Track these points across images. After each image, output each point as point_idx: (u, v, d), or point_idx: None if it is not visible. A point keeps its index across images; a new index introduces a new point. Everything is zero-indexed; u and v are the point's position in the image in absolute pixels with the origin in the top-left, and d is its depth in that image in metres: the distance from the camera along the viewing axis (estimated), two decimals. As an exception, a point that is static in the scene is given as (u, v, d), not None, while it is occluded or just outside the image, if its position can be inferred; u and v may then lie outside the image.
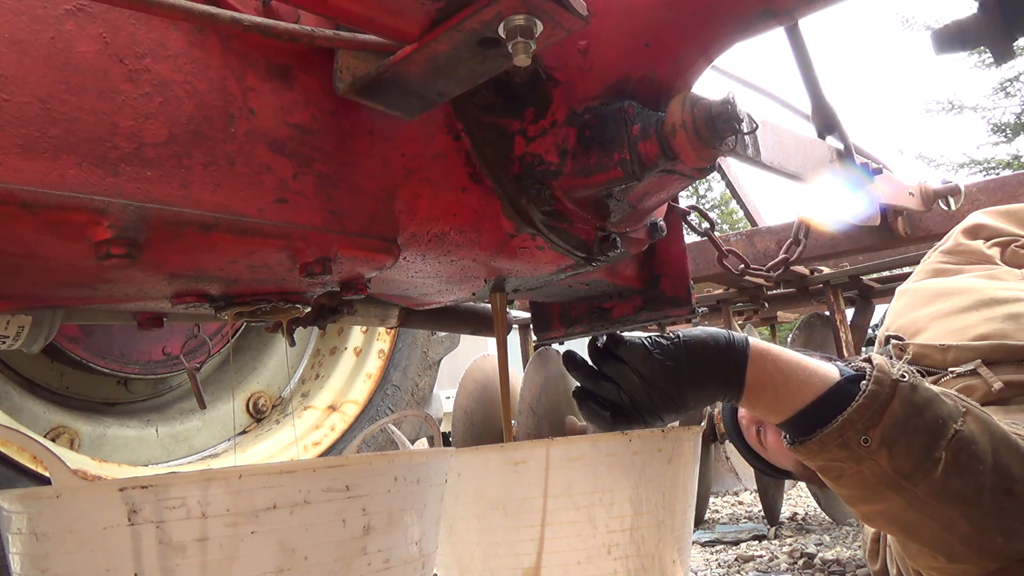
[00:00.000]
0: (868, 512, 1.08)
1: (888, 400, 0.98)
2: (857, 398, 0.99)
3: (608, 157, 1.10)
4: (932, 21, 16.98)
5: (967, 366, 1.30)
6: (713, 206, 21.16)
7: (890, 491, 1.00)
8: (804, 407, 1.04)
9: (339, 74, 0.93)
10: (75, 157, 0.76)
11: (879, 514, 1.07)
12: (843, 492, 1.08)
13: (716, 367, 1.06)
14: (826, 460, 1.03)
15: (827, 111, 1.65)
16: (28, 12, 0.74)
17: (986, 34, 1.08)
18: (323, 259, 0.97)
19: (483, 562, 1.32)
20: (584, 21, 0.81)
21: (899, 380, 0.99)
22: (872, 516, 1.09)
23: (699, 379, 1.07)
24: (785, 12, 1.06)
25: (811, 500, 3.32)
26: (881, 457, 0.98)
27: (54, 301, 1.10)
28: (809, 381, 1.04)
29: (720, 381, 1.07)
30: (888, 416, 0.98)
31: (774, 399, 1.06)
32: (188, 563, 0.80)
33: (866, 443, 0.98)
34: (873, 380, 1.00)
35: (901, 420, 0.98)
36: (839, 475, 1.04)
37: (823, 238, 2.61)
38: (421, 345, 2.89)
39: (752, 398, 1.07)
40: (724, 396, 1.10)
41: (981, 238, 1.61)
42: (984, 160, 17.03)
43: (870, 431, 0.98)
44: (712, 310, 3.18)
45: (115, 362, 2.34)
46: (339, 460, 0.90)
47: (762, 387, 1.05)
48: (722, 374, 1.06)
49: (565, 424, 2.20)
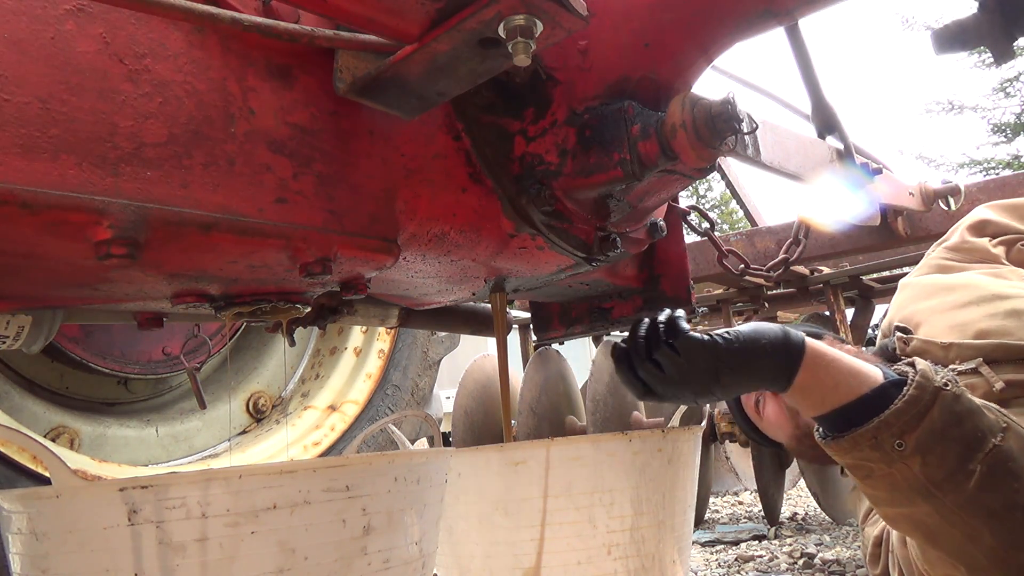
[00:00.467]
0: (892, 514, 1.08)
1: (928, 407, 0.97)
2: (896, 401, 0.98)
3: (608, 157, 1.10)
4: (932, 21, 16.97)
5: (968, 364, 1.30)
6: (713, 206, 21.16)
7: (918, 497, 0.99)
8: (843, 405, 1.02)
9: (339, 74, 0.94)
10: (75, 157, 0.76)
11: (903, 517, 1.06)
12: (869, 492, 1.07)
13: (767, 371, 1.04)
14: (857, 458, 1.02)
15: (827, 111, 1.65)
16: (28, 12, 0.74)
17: (986, 34, 1.08)
18: (323, 259, 0.97)
19: (483, 562, 1.32)
20: (584, 21, 0.81)
21: (942, 388, 0.98)
22: (895, 518, 1.08)
23: (747, 381, 1.06)
24: (785, 12, 1.06)
25: (811, 500, 3.32)
26: (914, 463, 0.97)
27: (54, 301, 1.10)
28: (854, 382, 1.02)
29: (768, 382, 1.06)
30: (926, 423, 0.97)
31: (818, 399, 1.04)
32: (188, 563, 0.80)
33: (900, 447, 0.97)
34: (915, 385, 0.99)
35: (939, 428, 0.97)
36: (868, 475, 1.03)
37: (823, 238, 2.61)
38: (421, 345, 2.89)
39: (796, 395, 1.05)
40: (771, 388, 1.09)
41: (987, 235, 1.60)
42: (984, 160, 17.04)
43: (906, 435, 0.97)
44: (712, 310, 3.18)
45: (115, 362, 2.34)
46: (339, 460, 0.90)
47: (809, 388, 1.04)
48: (771, 377, 1.05)
49: (565, 424, 2.20)
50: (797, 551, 2.32)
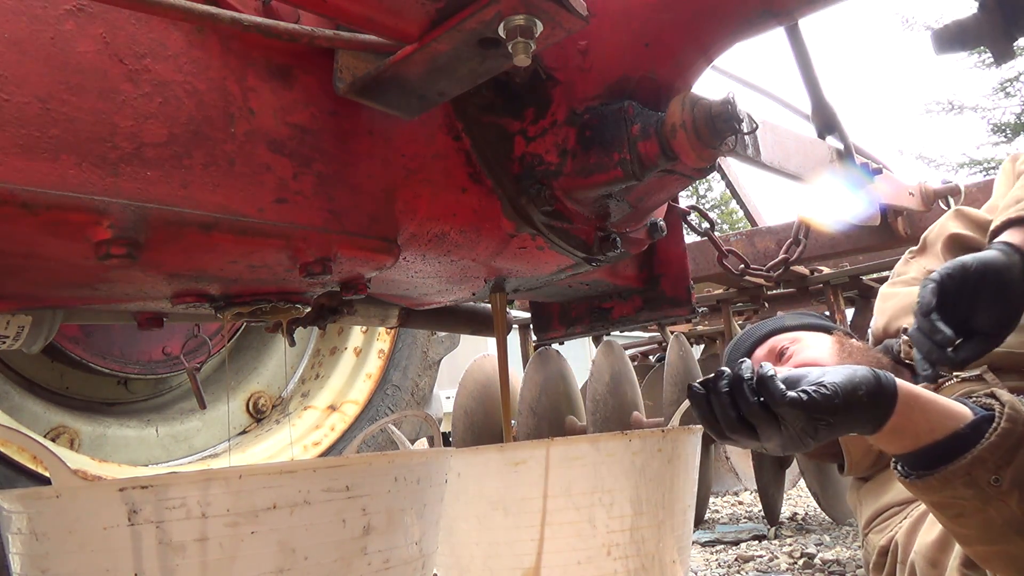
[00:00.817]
0: (984, 553, 1.02)
1: (1021, 439, 0.93)
2: (988, 435, 0.93)
3: (608, 157, 1.10)
4: (932, 21, 16.98)
5: (972, 371, 1.29)
6: (713, 206, 21.16)
7: (1017, 535, 0.94)
8: (931, 443, 0.97)
9: (339, 74, 0.94)
10: (75, 157, 0.76)
11: (997, 556, 1.01)
12: (958, 531, 1.02)
13: (863, 421, 0.97)
14: (947, 497, 0.97)
15: (827, 111, 1.65)
16: (28, 12, 0.74)
17: (986, 34, 1.07)
18: (323, 259, 0.97)
19: (483, 562, 1.32)
20: (584, 21, 0.81)
21: None
22: (988, 557, 1.03)
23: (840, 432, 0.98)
24: (785, 12, 1.06)
25: (811, 500, 3.32)
26: (1011, 499, 0.92)
27: (54, 301, 1.10)
28: (948, 421, 0.97)
29: (859, 429, 0.99)
30: (1022, 456, 0.92)
31: (910, 440, 0.98)
32: (188, 563, 0.80)
33: (996, 483, 0.92)
34: (1006, 418, 0.94)
35: None
36: (958, 514, 0.98)
37: (823, 238, 2.61)
38: (421, 345, 2.89)
39: (885, 437, 0.99)
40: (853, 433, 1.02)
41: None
42: (984, 160, 17.04)
43: (1001, 471, 0.92)
44: (712, 310, 3.19)
45: (115, 362, 2.34)
46: (339, 460, 0.90)
47: (902, 431, 0.98)
48: (865, 425, 0.98)
49: (565, 424, 2.20)
50: (797, 551, 2.32)
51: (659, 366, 3.23)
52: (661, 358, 3.62)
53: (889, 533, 1.33)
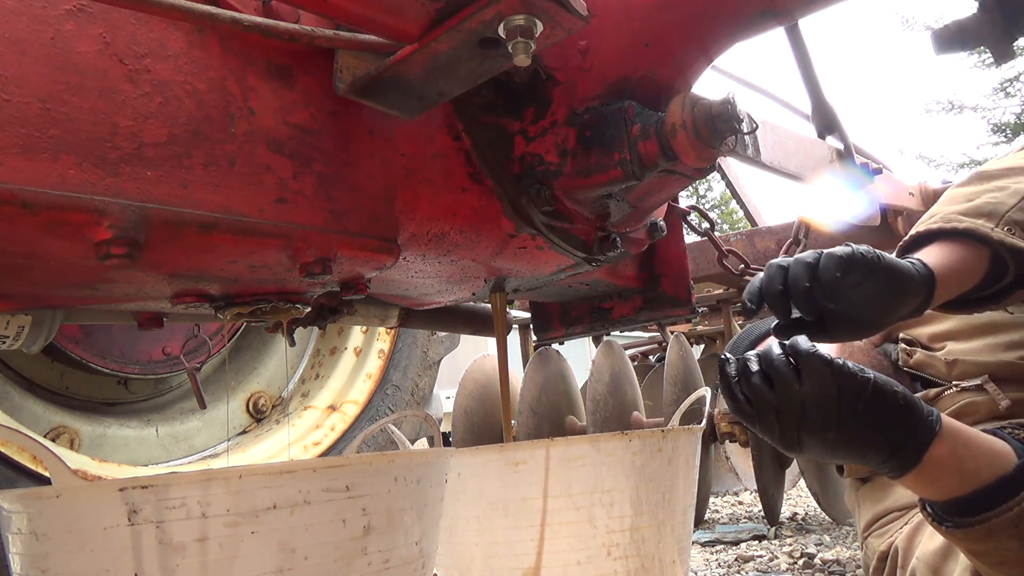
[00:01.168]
0: None
1: None
2: None
3: (608, 157, 1.10)
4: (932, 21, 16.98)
5: (972, 381, 1.28)
6: (713, 206, 21.17)
7: None
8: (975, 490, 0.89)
9: (339, 74, 0.94)
10: (75, 157, 0.76)
11: None
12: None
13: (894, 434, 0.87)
14: (990, 547, 0.90)
15: (827, 111, 1.65)
16: (28, 12, 0.74)
17: (986, 34, 1.07)
18: (323, 259, 0.97)
19: (483, 562, 1.32)
20: (584, 21, 0.81)
21: None
22: None
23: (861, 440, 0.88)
24: (785, 12, 1.06)
25: (811, 500, 3.32)
26: None
27: (54, 301, 1.10)
28: (988, 462, 0.89)
29: (886, 451, 0.89)
30: None
31: (955, 482, 0.89)
32: (188, 563, 0.80)
33: None
34: None
35: None
36: (999, 562, 0.92)
37: (823, 238, 2.61)
38: (421, 345, 2.89)
39: (918, 479, 0.89)
40: (881, 468, 0.91)
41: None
42: (984, 160, 17.05)
43: None
44: (712, 310, 3.19)
45: (115, 362, 2.34)
46: (339, 460, 0.90)
47: (944, 467, 0.88)
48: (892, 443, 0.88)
49: (565, 424, 2.20)
50: (797, 551, 2.32)
51: (659, 366, 3.23)
52: (661, 358, 3.62)
53: (889, 538, 1.32)
